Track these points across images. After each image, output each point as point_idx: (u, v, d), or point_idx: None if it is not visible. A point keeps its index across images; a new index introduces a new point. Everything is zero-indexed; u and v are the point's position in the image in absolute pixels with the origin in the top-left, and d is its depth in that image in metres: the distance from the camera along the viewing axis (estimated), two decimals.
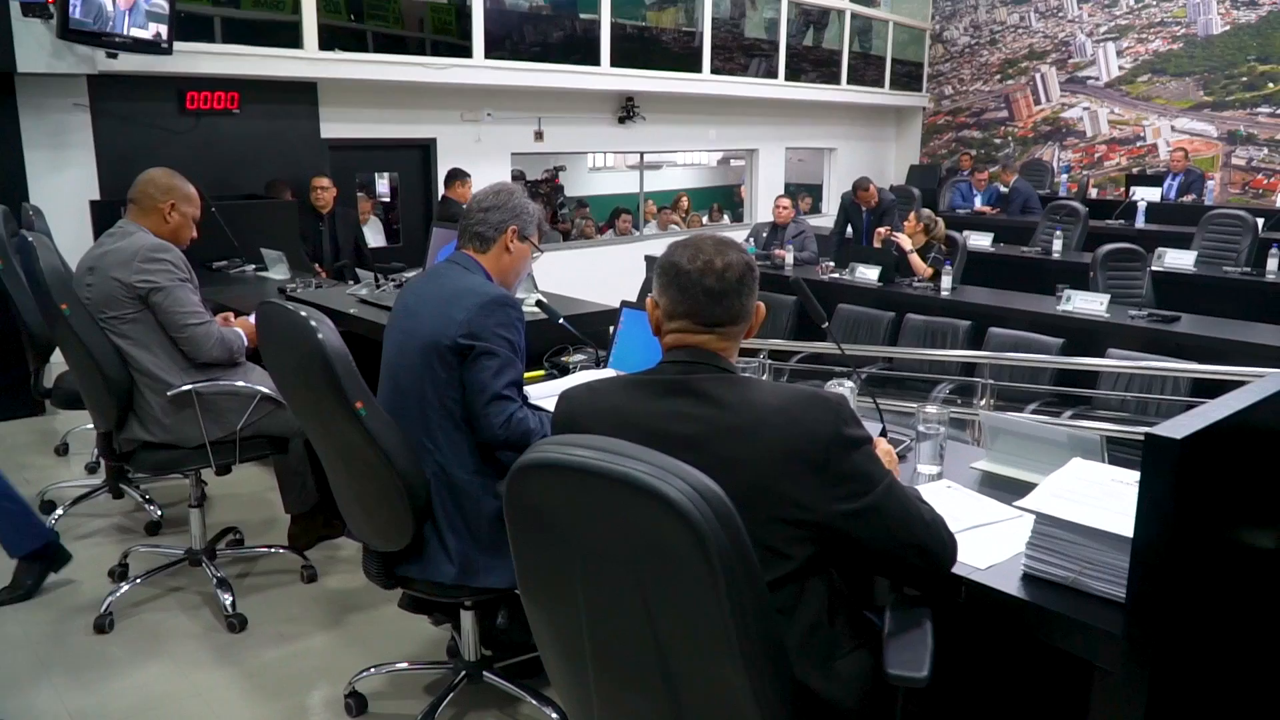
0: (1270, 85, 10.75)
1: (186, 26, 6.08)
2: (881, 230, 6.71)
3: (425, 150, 8.35)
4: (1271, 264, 6.55)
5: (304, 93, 7.24)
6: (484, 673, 2.60)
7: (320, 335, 2.07)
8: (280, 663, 2.96)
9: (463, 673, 2.60)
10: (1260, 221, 7.61)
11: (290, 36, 6.69)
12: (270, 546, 3.66)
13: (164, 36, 5.76)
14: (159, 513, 3.94)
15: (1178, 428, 1.34)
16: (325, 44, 6.82)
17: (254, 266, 5.46)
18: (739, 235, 8.96)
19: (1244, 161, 11.00)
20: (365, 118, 7.69)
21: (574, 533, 1.36)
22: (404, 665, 2.83)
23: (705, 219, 12.80)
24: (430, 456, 2.26)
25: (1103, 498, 1.65)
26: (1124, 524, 1.45)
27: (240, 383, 3.15)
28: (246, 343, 3.20)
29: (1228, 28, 11.00)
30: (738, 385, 1.54)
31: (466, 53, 7.74)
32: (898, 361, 5.52)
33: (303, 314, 2.12)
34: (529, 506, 1.41)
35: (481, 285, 2.33)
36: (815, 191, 13.29)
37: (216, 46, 6.37)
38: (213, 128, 6.77)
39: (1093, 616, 1.51)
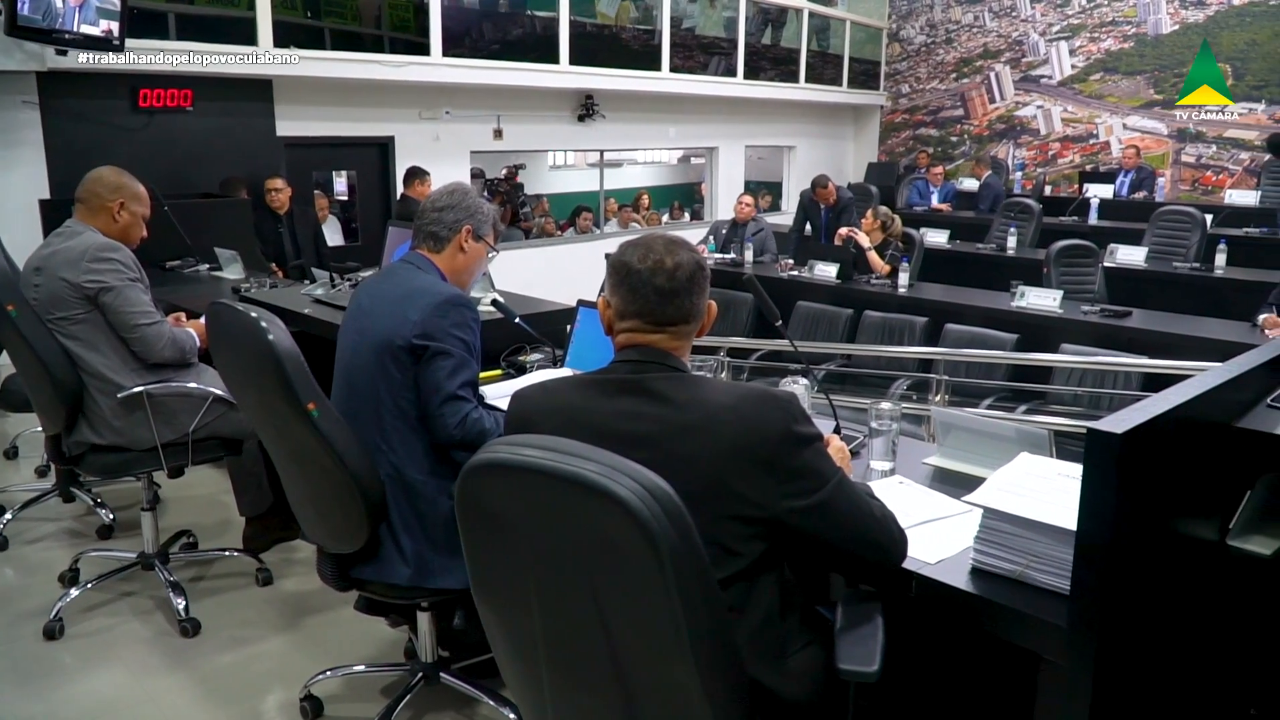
0: None
1: (138, 23, 5.99)
2: (843, 231, 6.76)
3: (383, 148, 8.30)
4: (1219, 259, 6.68)
5: (259, 90, 7.16)
6: (441, 674, 2.58)
7: (270, 336, 2.05)
8: (235, 667, 2.93)
9: (420, 674, 2.58)
10: (1209, 218, 7.77)
11: (245, 33, 6.61)
12: (225, 549, 3.60)
13: (115, 33, 5.67)
14: (111, 516, 3.88)
15: (1119, 422, 1.37)
16: (280, 41, 6.74)
17: (208, 266, 5.39)
18: (697, 233, 8.99)
19: (1193, 159, 11.22)
20: (322, 115, 7.63)
21: (525, 533, 1.36)
22: (361, 667, 2.80)
23: (666, 217, 12.82)
24: (384, 457, 2.25)
25: (1049, 492, 1.68)
26: (1068, 517, 1.48)
27: (192, 384, 3.11)
28: (199, 343, 3.16)
29: (1177, 27, 11.22)
30: (689, 384, 1.55)
31: (424, 50, 7.69)
32: (856, 358, 5.56)
33: (253, 314, 2.10)
34: (480, 507, 1.41)
35: (436, 285, 2.32)
36: (775, 189, 13.36)
37: (169, 43, 6.28)
38: (166, 125, 6.68)
39: (1038, 609, 1.53)
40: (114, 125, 6.42)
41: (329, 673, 2.69)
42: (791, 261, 6.99)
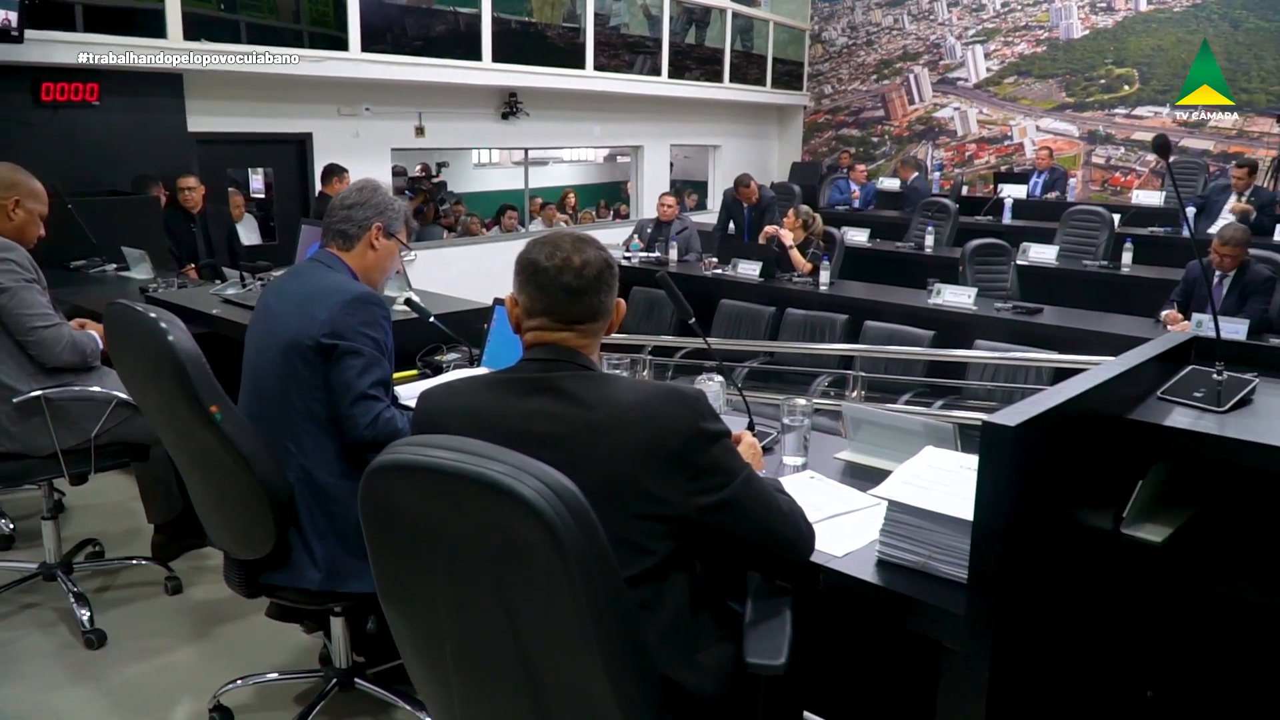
0: (1125, 87, 11.34)
1: (42, 14, 5.77)
2: (769, 229, 6.84)
3: (301, 145, 8.12)
4: (1126, 258, 6.90)
5: (169, 85, 6.95)
6: (356, 679, 2.54)
7: (170, 337, 1.99)
8: (142, 679, 2.84)
9: (334, 680, 2.54)
10: (1116, 217, 8.02)
11: (154, 25, 6.42)
12: (132, 558, 3.50)
13: (14, 24, 5.46)
14: (10, 526, 3.74)
15: (1013, 415, 1.41)
16: (192, 34, 6.56)
17: (115, 266, 5.22)
18: (622, 232, 9.00)
19: (1103, 160, 11.57)
20: (236, 111, 7.43)
21: (431, 534, 1.34)
22: (273, 675, 2.75)
23: (594, 215, 12.82)
24: (294, 460, 2.20)
25: (951, 484, 1.71)
26: (969, 509, 1.51)
27: (95, 388, 3.01)
28: (102, 346, 3.06)
29: (1087, 32, 11.56)
30: (597, 382, 1.55)
31: (343, 45, 7.56)
32: (779, 355, 5.62)
33: (152, 315, 2.04)
34: (385, 509, 1.39)
35: (345, 283, 2.28)
36: (701, 188, 13.45)
37: (73, 35, 6.05)
38: (71, 120, 6.44)
39: (939, 598, 1.56)
40: (14, 120, 6.16)
41: (239, 681, 2.64)
42: (715, 260, 7.04)
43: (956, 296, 5.53)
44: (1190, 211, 7.67)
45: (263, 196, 8.46)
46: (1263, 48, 10.44)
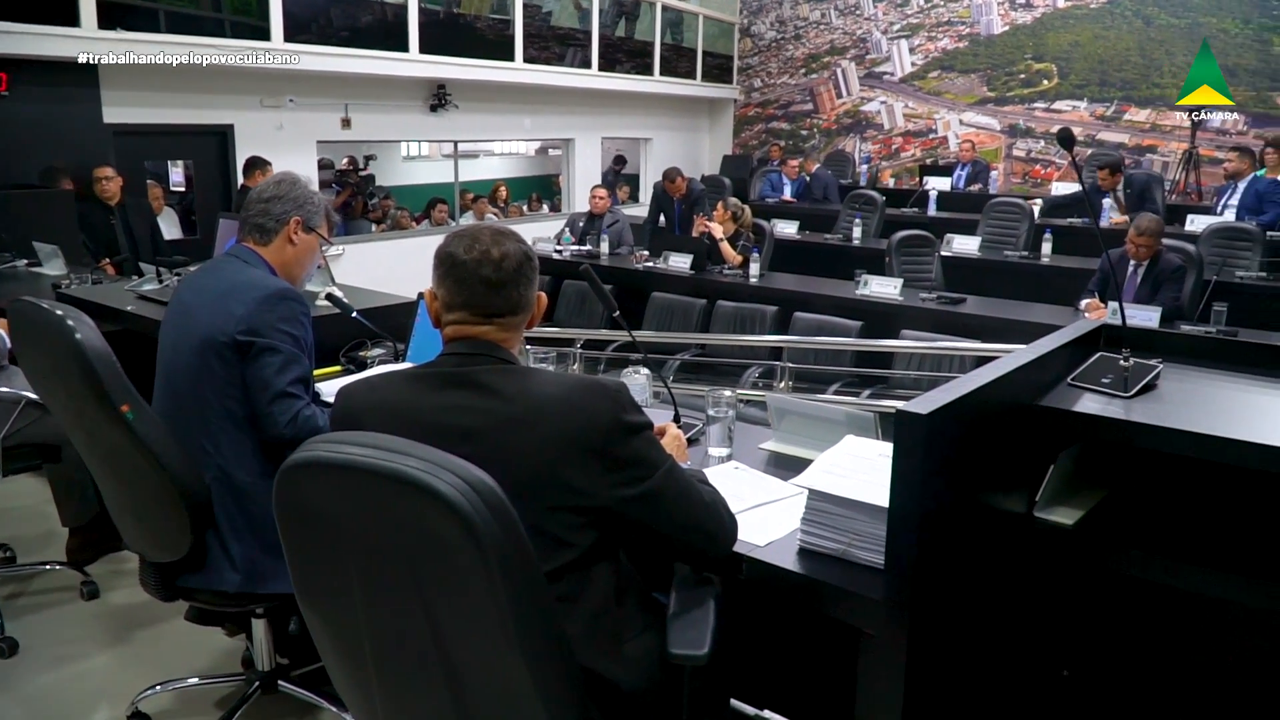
0: (1045, 82, 11.62)
1: None
2: (699, 219, 6.86)
3: (222, 137, 7.93)
4: (1046, 248, 7.08)
5: (83, 74, 6.72)
6: (279, 682, 2.50)
7: (78, 335, 1.93)
8: (56, 687, 2.76)
9: (256, 683, 2.49)
10: (1036, 209, 8.21)
11: (66, 13, 6.20)
12: (46, 563, 3.39)
13: None
14: None
15: (925, 403, 1.43)
16: (106, 22, 6.35)
17: (26, 261, 5.04)
18: (555, 225, 8.97)
19: (1024, 153, 11.85)
20: (155, 101, 7.22)
21: (347, 532, 1.33)
22: (194, 680, 2.68)
23: (525, 208, 12.74)
24: (211, 460, 2.15)
25: (869, 472, 1.74)
26: (886, 495, 1.53)
27: (3, 388, 2.91)
28: (9, 345, 2.96)
29: (1007, 28, 11.82)
30: (518, 376, 1.54)
31: (265, 35, 7.39)
32: (711, 347, 5.66)
33: (58, 312, 1.97)
34: (300, 507, 1.37)
35: (262, 279, 2.23)
36: (633, 181, 13.46)
37: None
38: None
39: (857, 584, 1.58)
40: None
41: (158, 687, 2.57)
42: (647, 253, 7.05)
43: (883, 287, 5.62)
44: (1106, 202, 7.88)
45: (183, 189, 8.23)
46: (1173, 44, 10.77)
